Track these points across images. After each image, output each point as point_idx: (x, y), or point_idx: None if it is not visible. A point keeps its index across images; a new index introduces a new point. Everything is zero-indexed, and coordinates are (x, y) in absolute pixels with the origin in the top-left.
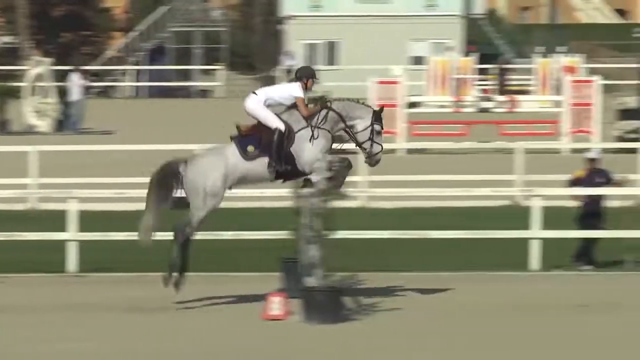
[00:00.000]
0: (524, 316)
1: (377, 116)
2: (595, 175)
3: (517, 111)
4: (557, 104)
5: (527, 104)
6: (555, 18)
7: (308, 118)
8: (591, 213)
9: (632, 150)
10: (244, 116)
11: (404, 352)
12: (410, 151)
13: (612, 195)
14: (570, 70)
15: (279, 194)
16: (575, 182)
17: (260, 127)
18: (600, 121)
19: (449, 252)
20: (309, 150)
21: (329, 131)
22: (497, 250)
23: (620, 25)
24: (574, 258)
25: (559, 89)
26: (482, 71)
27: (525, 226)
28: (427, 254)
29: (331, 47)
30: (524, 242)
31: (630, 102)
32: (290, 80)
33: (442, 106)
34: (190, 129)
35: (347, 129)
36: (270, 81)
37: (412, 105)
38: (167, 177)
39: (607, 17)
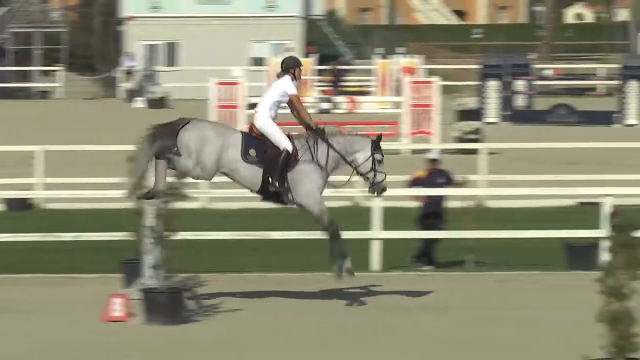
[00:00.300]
0: (362, 316)
1: (376, 145)
2: (436, 175)
3: (357, 112)
4: (397, 105)
5: (367, 105)
6: (394, 19)
7: (313, 152)
8: (431, 213)
9: (472, 151)
10: (82, 117)
11: (243, 351)
12: None
13: (453, 196)
14: (410, 71)
15: (118, 196)
16: (415, 183)
17: (268, 139)
18: (439, 122)
19: (291, 252)
20: (308, 184)
21: (328, 173)
22: None
23: (459, 26)
24: (414, 259)
25: (398, 90)
26: (321, 72)
27: (366, 227)
28: (269, 254)
29: (171, 48)
30: (365, 242)
31: (469, 103)
32: (278, 75)
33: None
34: (28, 130)
35: (349, 164)
36: (110, 82)
37: (253, 106)
38: (165, 132)
39: (445, 18)
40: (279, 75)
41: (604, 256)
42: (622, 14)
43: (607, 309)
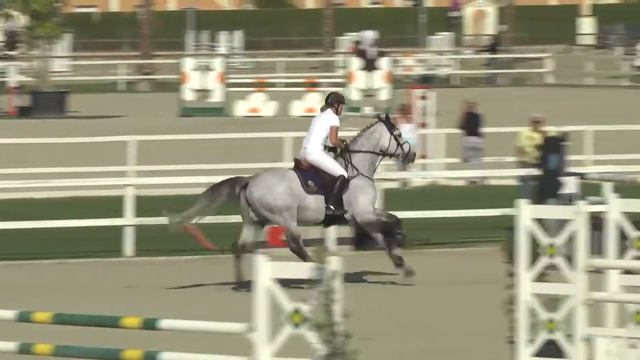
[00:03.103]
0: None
1: (388, 123)
2: None
3: None
4: None
5: None
6: None
7: (353, 163)
8: None
9: None
10: None
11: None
12: None
13: None
14: None
15: None
16: None
17: (319, 169)
18: None
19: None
20: (363, 201)
21: (371, 178)
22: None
23: None
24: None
25: None
26: None
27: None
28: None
29: None
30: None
31: None
32: (322, 109)
33: None
34: None
35: (382, 154)
36: None
37: None
38: (223, 188)
39: None
40: (322, 109)
41: None
42: None
43: None
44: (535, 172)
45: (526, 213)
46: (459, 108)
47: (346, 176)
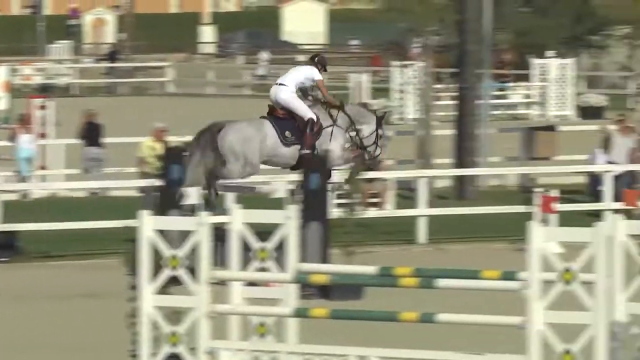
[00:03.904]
0: None
1: (380, 121)
2: None
3: None
4: None
5: None
6: None
7: (331, 114)
8: None
9: None
10: None
11: None
12: None
13: None
14: None
15: None
16: None
17: (292, 114)
18: None
19: None
20: (333, 145)
21: (345, 130)
22: None
23: None
24: None
25: None
26: None
27: None
28: None
29: None
30: None
31: None
32: (305, 63)
33: None
34: None
35: (355, 131)
36: None
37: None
38: (206, 137)
39: None
40: (305, 63)
41: None
42: None
43: None
44: (157, 182)
45: (148, 224)
46: (79, 118)
47: (315, 119)
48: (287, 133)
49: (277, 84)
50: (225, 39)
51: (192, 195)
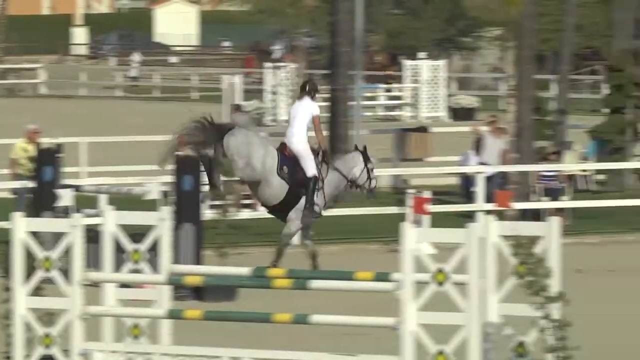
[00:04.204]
0: None
1: (365, 156)
2: None
3: None
4: None
5: None
6: None
7: (322, 168)
8: None
9: None
10: None
11: None
12: None
13: None
14: None
15: None
16: None
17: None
18: None
19: None
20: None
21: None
22: None
23: None
24: None
25: None
26: None
27: None
28: None
29: None
30: None
31: None
32: (300, 96)
33: None
34: None
35: (350, 182)
36: None
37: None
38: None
39: None
40: (299, 97)
41: None
42: None
43: None
44: (30, 184)
45: (21, 226)
46: None
47: (318, 177)
48: (284, 168)
49: (290, 134)
50: (98, 41)
51: (65, 196)
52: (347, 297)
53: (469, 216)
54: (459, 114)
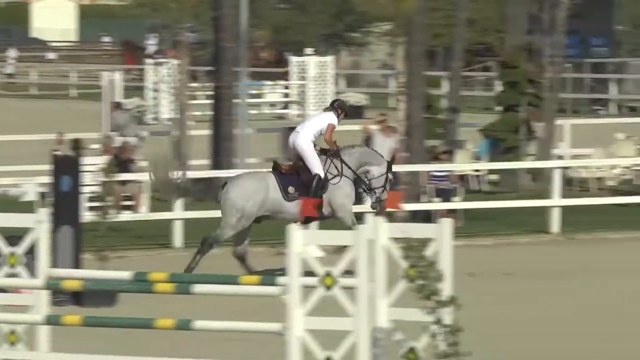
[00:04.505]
0: None
1: (390, 166)
2: None
3: None
4: None
5: None
6: None
7: (336, 165)
8: None
9: None
10: None
11: None
12: None
13: None
14: None
15: None
16: None
17: (298, 167)
18: None
19: None
20: (341, 198)
21: (352, 181)
22: None
23: None
24: None
25: None
26: None
27: None
28: None
29: None
30: None
31: None
32: (325, 110)
33: None
34: None
35: (364, 173)
36: None
37: None
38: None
39: None
40: (326, 109)
41: None
42: None
43: None
44: None
45: None
46: None
47: (322, 176)
48: (289, 189)
49: (296, 132)
50: None
51: None
52: (235, 301)
53: (358, 218)
54: (348, 112)
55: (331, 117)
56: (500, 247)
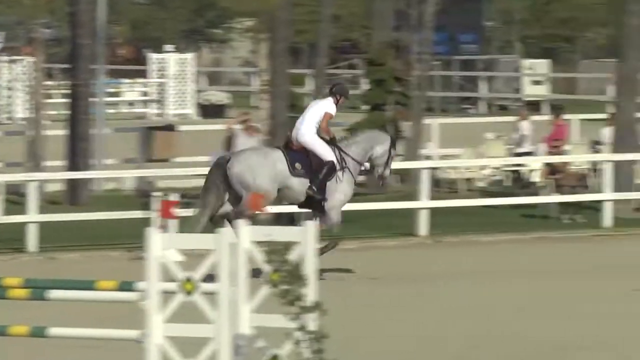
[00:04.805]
0: None
1: (394, 143)
2: None
3: None
4: None
5: None
6: None
7: (342, 156)
8: None
9: None
10: None
11: None
12: None
13: None
14: None
15: None
16: None
17: (309, 151)
18: None
19: None
20: (339, 191)
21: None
22: None
23: None
24: None
25: None
26: None
27: None
28: None
29: None
30: None
31: None
32: (325, 96)
33: None
34: None
35: (369, 160)
36: None
37: None
38: (217, 173)
39: None
40: (324, 96)
41: None
42: None
43: None
44: None
45: None
46: None
47: (335, 162)
48: (296, 164)
49: (297, 128)
50: None
51: None
52: (99, 307)
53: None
54: (209, 111)
55: (328, 105)
56: (366, 251)
